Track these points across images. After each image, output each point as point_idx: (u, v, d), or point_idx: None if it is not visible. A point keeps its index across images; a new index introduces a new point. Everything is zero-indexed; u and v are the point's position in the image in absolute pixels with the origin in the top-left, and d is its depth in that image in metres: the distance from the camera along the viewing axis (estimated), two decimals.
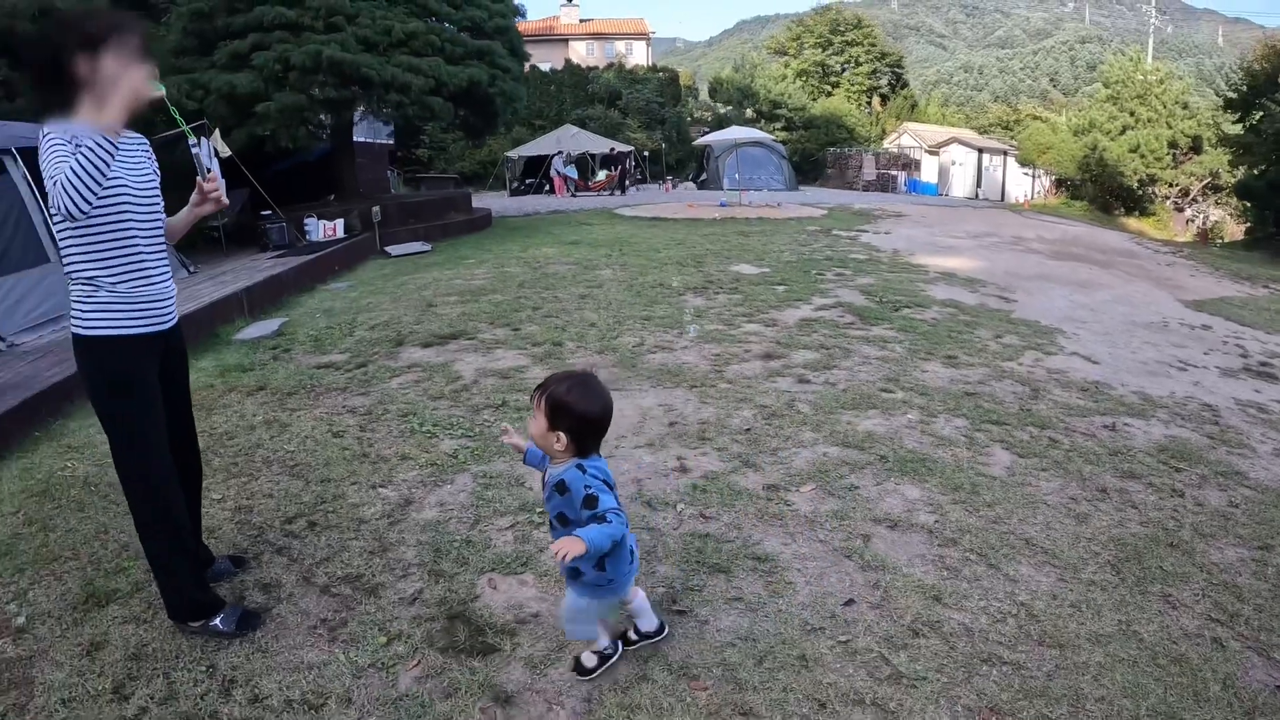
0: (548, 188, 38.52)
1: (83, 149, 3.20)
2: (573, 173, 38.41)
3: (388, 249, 18.00)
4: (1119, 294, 13.12)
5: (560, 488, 3.21)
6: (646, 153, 45.41)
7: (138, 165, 3.67)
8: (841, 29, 69.78)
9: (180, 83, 17.10)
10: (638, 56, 70.61)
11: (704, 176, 42.09)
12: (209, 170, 3.85)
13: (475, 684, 3.48)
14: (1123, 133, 42.39)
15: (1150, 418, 6.87)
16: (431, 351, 8.54)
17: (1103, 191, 41.80)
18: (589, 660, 3.49)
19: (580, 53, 69.16)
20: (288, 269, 13.79)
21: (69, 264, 3.58)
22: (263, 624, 3.98)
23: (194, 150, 3.71)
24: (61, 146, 3.26)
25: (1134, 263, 18.21)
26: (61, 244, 3.57)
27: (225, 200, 3.91)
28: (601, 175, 39.56)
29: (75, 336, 3.67)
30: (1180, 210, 43.53)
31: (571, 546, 2.93)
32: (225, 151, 16.11)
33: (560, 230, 20.26)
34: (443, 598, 4.11)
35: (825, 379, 7.37)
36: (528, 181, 39.98)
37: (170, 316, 3.82)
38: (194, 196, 3.92)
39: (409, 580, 4.29)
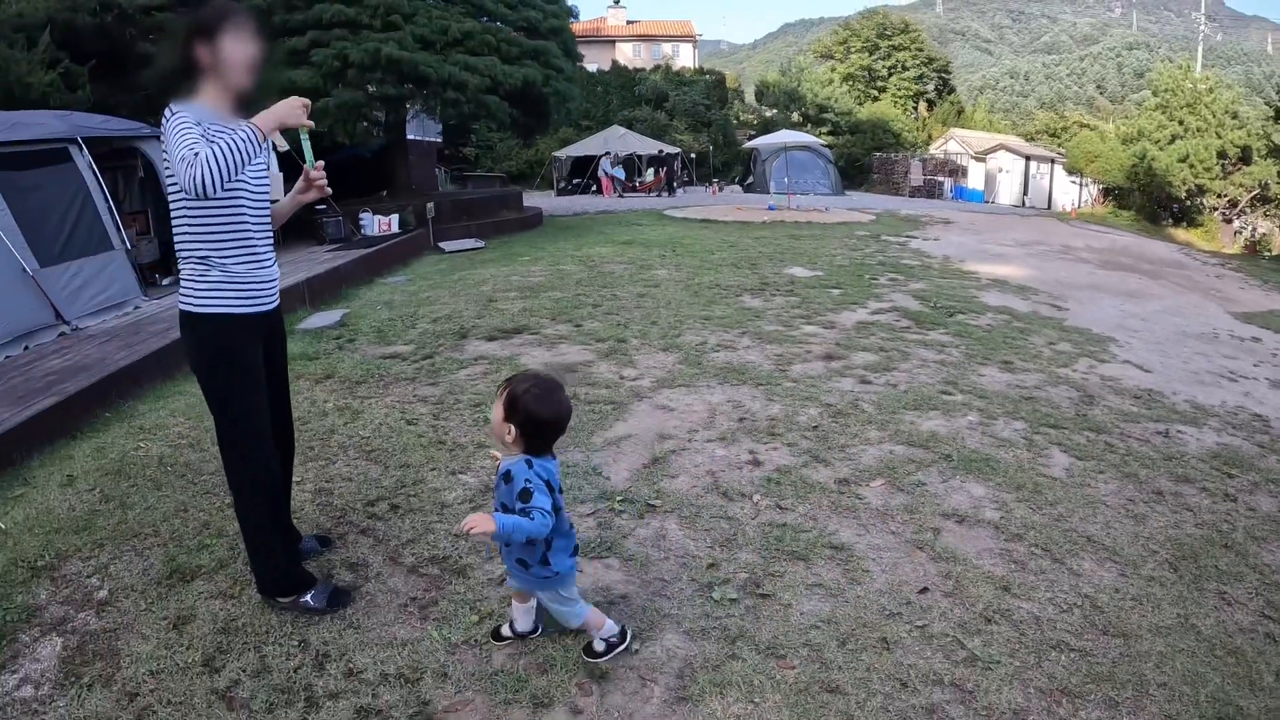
0: (595, 188, 38.71)
1: (231, 137, 3.40)
2: (620, 174, 38.58)
3: (441, 245, 18.23)
4: (1169, 304, 13.16)
5: (506, 477, 3.36)
6: (693, 155, 45.48)
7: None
8: (888, 33, 69.30)
9: None
10: (684, 59, 70.47)
11: (750, 179, 42.06)
12: (316, 162, 4.04)
13: (569, 661, 3.61)
14: (1171, 142, 41.88)
15: (1202, 425, 6.97)
16: (496, 345, 8.72)
17: (1150, 201, 41.38)
18: (599, 645, 3.61)
19: (627, 54, 69.15)
20: (346, 262, 14.01)
21: (182, 243, 3.74)
22: (353, 601, 4.11)
23: (303, 139, 3.89)
24: (191, 127, 3.43)
25: (1183, 273, 18.21)
26: (176, 224, 3.73)
27: (329, 189, 4.06)
28: (650, 175, 39.74)
29: (185, 313, 3.80)
30: (1228, 222, 43.01)
31: (482, 524, 3.08)
32: (283, 145, 16.33)
33: (611, 230, 20.44)
34: None
35: (886, 380, 7.52)
36: (574, 181, 40.17)
37: (274, 298, 3.98)
38: (299, 184, 4.07)
39: (496, 562, 4.42)
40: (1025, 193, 45.74)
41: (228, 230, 3.73)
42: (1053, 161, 46.47)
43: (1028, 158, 46.71)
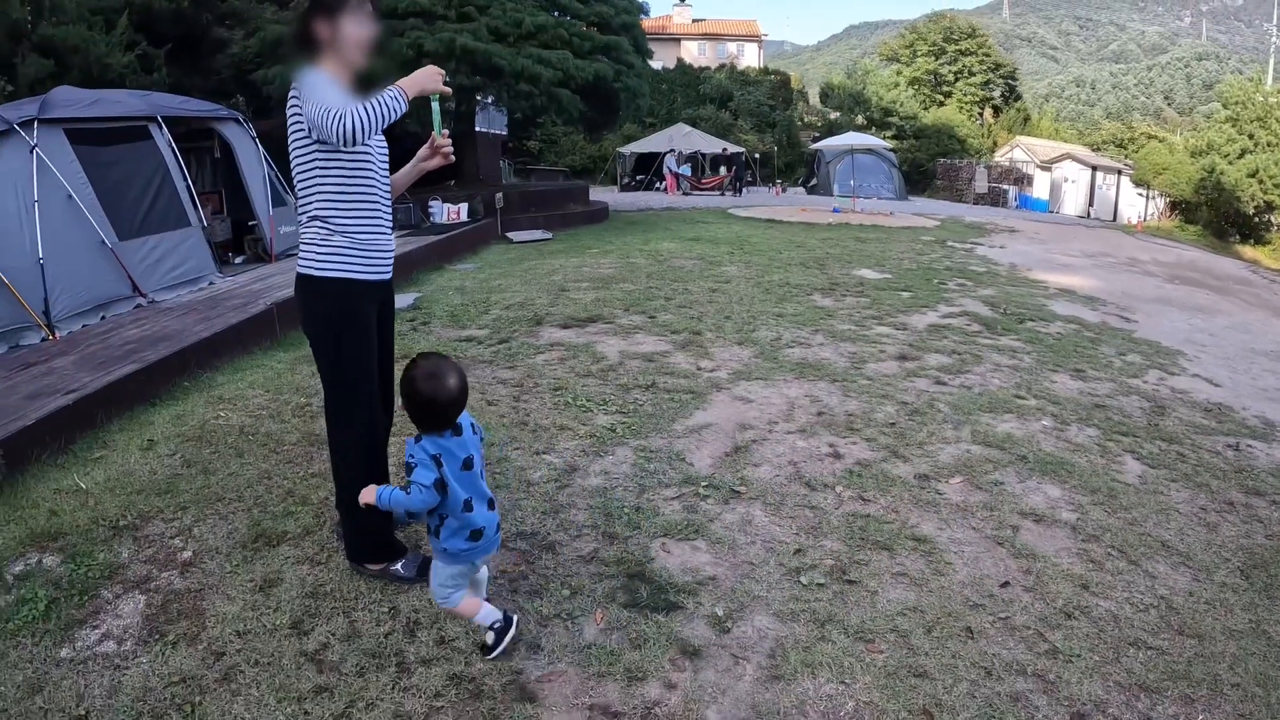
0: (659, 185, 38.88)
1: (378, 95, 3.62)
2: (687, 171, 38.77)
3: (509, 235, 18.45)
4: (1237, 321, 13.05)
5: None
6: (757, 155, 45.52)
7: None
8: (955, 37, 68.79)
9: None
10: (749, 58, 70.41)
11: (814, 181, 42.04)
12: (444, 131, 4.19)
13: (662, 637, 3.71)
14: (1241, 156, 41.26)
15: (1272, 440, 6.95)
16: (571, 333, 8.87)
17: (1218, 216, 40.80)
18: (488, 638, 3.62)
19: (692, 52, 69.18)
20: (417, 247, 14.23)
21: (307, 207, 3.89)
22: None
23: (434, 108, 4.03)
24: (330, 82, 3.66)
25: (1250, 291, 18.03)
26: (303, 188, 3.89)
27: (453, 157, 4.17)
28: (722, 171, 39.94)
29: (305, 277, 3.95)
30: None
31: (366, 495, 3.42)
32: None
33: (677, 227, 20.54)
34: (619, 558, 4.38)
35: (960, 382, 7.59)
36: (638, 178, 40.36)
37: (389, 268, 4.12)
38: (423, 151, 4.20)
39: (584, 540, 4.57)
40: (1091, 203, 45.26)
41: (357, 196, 3.90)
42: (1119, 173, 45.93)
43: (1094, 168, 46.21)
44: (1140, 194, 44.63)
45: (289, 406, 6.71)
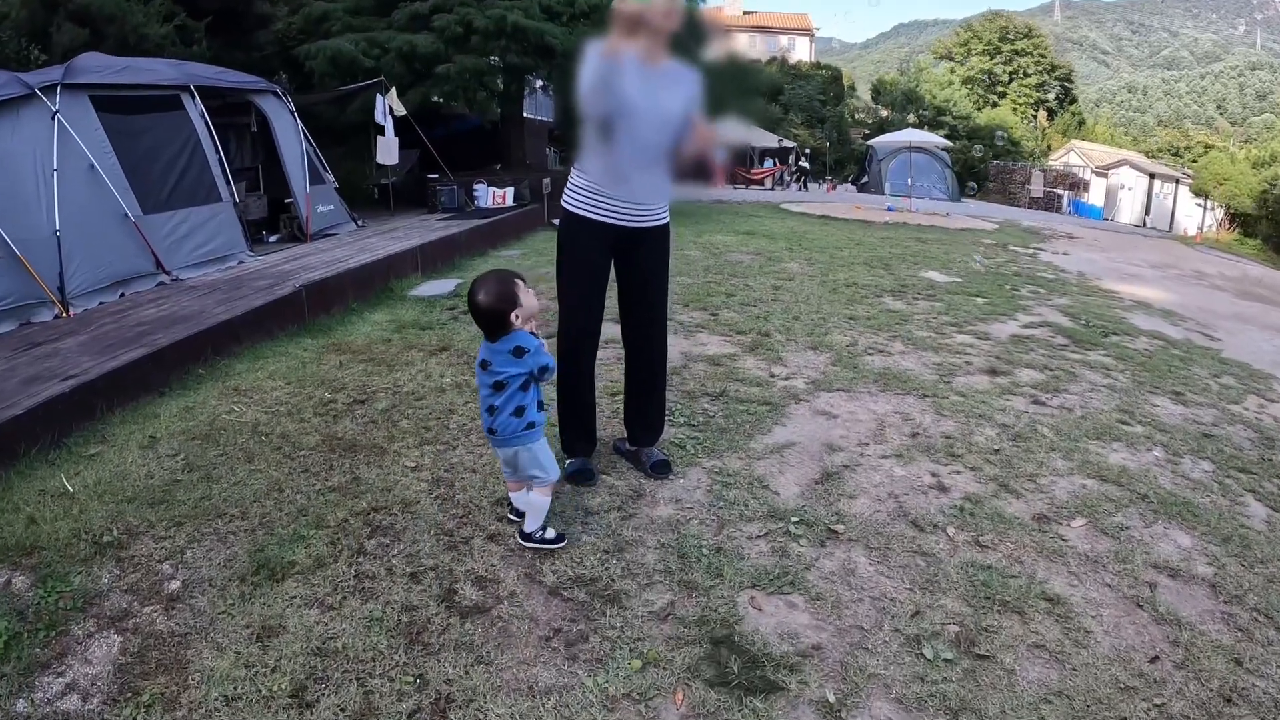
0: None
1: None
2: (769, 164, 38.82)
3: (555, 222, 18.04)
4: None
5: None
6: (808, 150, 45.23)
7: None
8: (1011, 37, 68.31)
9: (358, 40, 17.51)
10: (800, 52, 70.25)
11: (864, 179, 41.52)
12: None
13: None
14: None
15: None
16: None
17: (1278, 231, 39.85)
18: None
19: (743, 44, 68.90)
20: (460, 231, 14.07)
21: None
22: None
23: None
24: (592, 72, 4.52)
25: None
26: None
27: (716, 171, 4.72)
28: (771, 164, 39.75)
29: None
30: None
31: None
32: (400, 110, 16.41)
33: (729, 220, 20.05)
34: (701, 616, 3.72)
35: (1060, 403, 6.98)
36: None
37: (633, 219, 4.75)
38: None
39: (655, 590, 3.90)
40: (1147, 212, 44.47)
41: (595, 152, 4.65)
42: (1177, 181, 45.11)
43: (1152, 175, 45.42)
44: (1199, 204, 43.69)
45: (311, 402, 6.25)
